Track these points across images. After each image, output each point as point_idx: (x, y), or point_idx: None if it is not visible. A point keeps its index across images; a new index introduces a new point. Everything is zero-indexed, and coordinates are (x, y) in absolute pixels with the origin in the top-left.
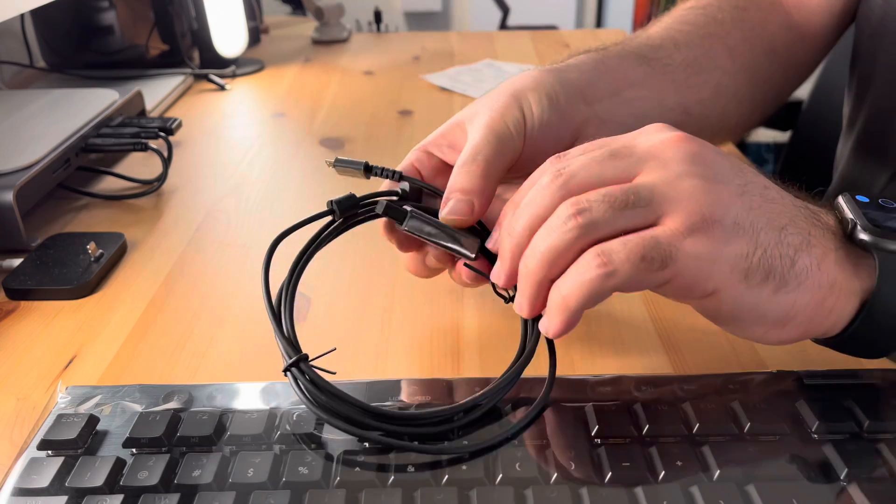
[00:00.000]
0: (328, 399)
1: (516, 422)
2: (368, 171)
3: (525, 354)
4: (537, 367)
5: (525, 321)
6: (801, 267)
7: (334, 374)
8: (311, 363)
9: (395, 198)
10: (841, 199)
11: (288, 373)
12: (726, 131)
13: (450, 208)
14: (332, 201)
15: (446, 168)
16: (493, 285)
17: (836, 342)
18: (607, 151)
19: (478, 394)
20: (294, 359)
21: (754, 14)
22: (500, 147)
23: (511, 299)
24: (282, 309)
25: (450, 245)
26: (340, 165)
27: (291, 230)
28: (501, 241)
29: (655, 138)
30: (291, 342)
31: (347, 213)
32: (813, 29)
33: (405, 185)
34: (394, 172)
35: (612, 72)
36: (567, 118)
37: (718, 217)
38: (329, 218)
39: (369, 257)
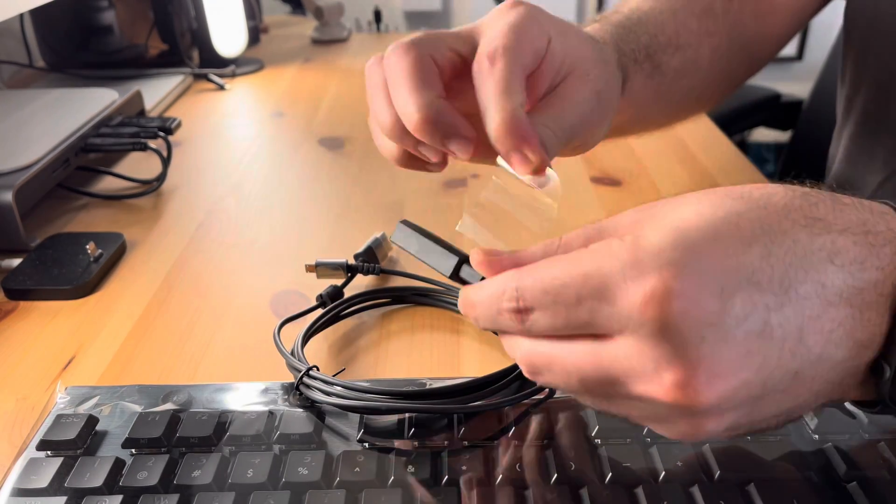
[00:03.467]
0: (352, 397)
1: (516, 419)
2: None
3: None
4: None
5: None
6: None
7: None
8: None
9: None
10: None
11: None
12: (669, 122)
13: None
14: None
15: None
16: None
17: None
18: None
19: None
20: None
21: (737, 5)
22: None
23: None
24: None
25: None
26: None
27: (291, 319)
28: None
29: (632, 299)
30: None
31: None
32: (777, 19)
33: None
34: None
35: (617, 80)
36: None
37: (704, 409)
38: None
39: None
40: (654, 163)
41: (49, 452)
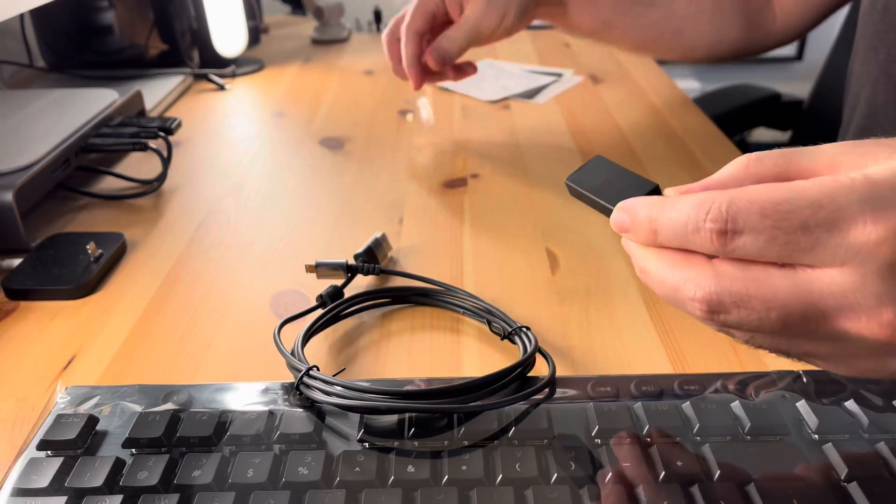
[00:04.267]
0: (352, 397)
1: (516, 419)
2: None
3: (529, 353)
4: (537, 368)
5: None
6: None
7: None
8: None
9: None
10: None
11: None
12: (646, 46)
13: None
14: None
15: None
16: (489, 324)
17: None
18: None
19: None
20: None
21: None
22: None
23: (506, 337)
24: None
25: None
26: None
27: (291, 319)
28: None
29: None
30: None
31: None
32: (788, 5)
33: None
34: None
35: None
36: None
37: None
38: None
39: None
40: (655, 163)
41: (49, 452)
